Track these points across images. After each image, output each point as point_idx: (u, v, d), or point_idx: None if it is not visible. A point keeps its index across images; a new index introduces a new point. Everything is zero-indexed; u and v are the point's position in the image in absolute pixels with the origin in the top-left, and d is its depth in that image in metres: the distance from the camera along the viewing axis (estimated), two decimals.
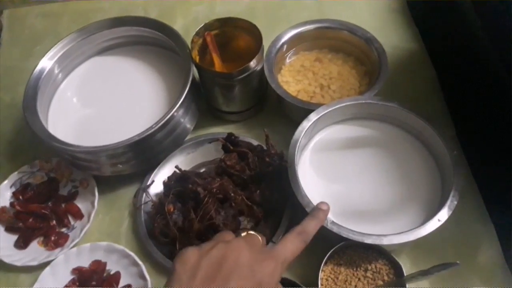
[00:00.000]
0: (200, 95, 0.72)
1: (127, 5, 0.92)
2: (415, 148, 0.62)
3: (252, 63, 0.64)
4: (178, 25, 0.87)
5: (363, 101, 0.62)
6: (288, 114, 0.71)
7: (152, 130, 0.60)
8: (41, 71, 0.69)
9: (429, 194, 0.59)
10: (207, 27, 0.69)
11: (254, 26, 0.67)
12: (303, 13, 0.87)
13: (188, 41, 0.68)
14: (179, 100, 0.63)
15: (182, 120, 0.67)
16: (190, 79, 0.65)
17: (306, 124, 0.61)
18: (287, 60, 0.75)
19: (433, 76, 0.76)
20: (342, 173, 0.61)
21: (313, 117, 0.61)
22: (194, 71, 0.66)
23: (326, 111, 0.62)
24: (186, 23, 0.88)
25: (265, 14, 0.88)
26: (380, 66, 0.67)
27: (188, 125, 0.69)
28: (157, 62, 0.74)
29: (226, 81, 0.66)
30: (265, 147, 0.64)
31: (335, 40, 0.74)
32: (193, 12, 0.89)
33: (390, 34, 0.81)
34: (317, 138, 0.64)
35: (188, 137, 0.70)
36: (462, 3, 0.71)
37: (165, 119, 0.61)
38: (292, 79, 0.72)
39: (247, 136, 0.70)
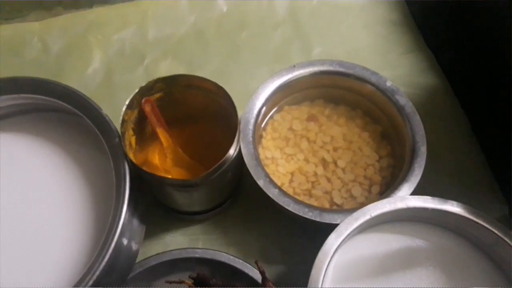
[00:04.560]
0: (144, 190, 0.47)
1: (16, 32, 0.62)
2: (484, 268, 0.42)
3: (228, 155, 0.40)
4: (96, 63, 0.60)
5: (404, 206, 0.41)
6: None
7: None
8: None
9: None
10: (144, 92, 0.43)
11: (220, 88, 0.43)
12: (274, 33, 0.63)
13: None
14: (114, 235, 0.38)
15: (124, 243, 0.42)
16: (127, 193, 0.39)
17: (324, 258, 0.38)
18: (269, 122, 0.51)
19: (466, 126, 0.55)
20: None
21: (333, 242, 0.39)
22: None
23: (353, 227, 0.40)
24: (107, 59, 0.60)
25: (220, 37, 0.62)
26: (412, 138, 0.45)
27: (134, 246, 0.45)
28: (68, 139, 0.47)
29: (187, 188, 0.41)
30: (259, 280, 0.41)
31: (333, 88, 0.51)
32: (116, 41, 0.61)
33: (398, 62, 0.59)
34: (336, 261, 0.42)
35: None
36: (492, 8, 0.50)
37: (88, 284, 0.36)
38: (279, 153, 0.49)
39: (222, 248, 0.47)
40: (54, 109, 0.48)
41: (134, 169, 0.41)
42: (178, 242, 0.48)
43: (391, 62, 0.59)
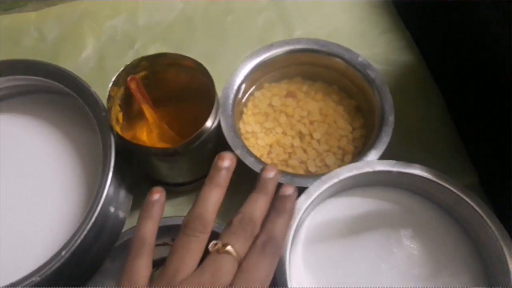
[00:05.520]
0: (132, 163, 0.50)
1: (14, 21, 0.65)
2: (448, 227, 0.45)
3: (206, 127, 0.43)
4: (89, 49, 0.63)
5: (370, 170, 0.43)
6: None
7: (61, 258, 0.39)
8: None
9: None
10: (129, 70, 0.47)
11: (199, 65, 0.46)
12: (258, 17, 0.66)
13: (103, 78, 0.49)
14: (98, 205, 0.41)
15: (111, 211, 0.46)
16: (113, 162, 0.43)
17: (295, 217, 0.41)
18: (249, 99, 0.54)
19: (440, 100, 0.58)
20: (352, 275, 0.43)
21: (302, 203, 0.42)
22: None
23: (322, 190, 0.43)
24: (100, 45, 0.64)
25: (207, 22, 0.65)
26: (381, 108, 0.48)
27: (121, 215, 0.48)
28: (60, 119, 0.51)
29: (169, 157, 0.44)
30: None
31: (310, 65, 0.54)
32: (108, 28, 0.65)
33: (376, 41, 0.62)
34: (308, 223, 0.45)
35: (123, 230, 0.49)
36: None
37: (76, 242, 0.39)
38: (259, 127, 0.52)
39: None
40: (47, 91, 0.51)
41: (120, 140, 0.44)
42: (164, 212, 0.51)
43: (369, 42, 0.61)
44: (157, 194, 0.36)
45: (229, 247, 0.32)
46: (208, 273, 0.31)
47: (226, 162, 0.36)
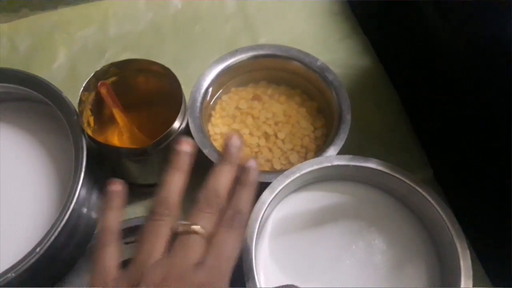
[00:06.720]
0: (104, 165, 0.52)
1: None
2: (403, 217, 0.48)
3: (173, 128, 0.46)
4: (61, 59, 0.65)
5: (329, 164, 0.46)
6: None
7: (35, 254, 0.40)
8: None
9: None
10: (99, 76, 0.49)
11: (167, 69, 0.48)
12: (225, 26, 0.69)
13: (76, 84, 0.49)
14: (70, 205, 0.43)
15: (84, 211, 0.47)
16: (85, 163, 0.45)
17: (259, 211, 0.44)
18: (217, 102, 0.57)
19: (396, 100, 0.61)
20: (316, 264, 0.46)
21: (267, 197, 0.45)
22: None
23: (285, 184, 0.45)
24: (72, 55, 0.65)
25: (176, 31, 0.68)
26: (339, 108, 0.51)
27: (94, 215, 0.50)
28: (33, 124, 0.52)
29: (139, 157, 0.47)
30: None
31: (274, 70, 0.57)
32: (79, 38, 0.67)
33: (337, 47, 0.66)
34: (274, 216, 0.48)
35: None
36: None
37: (50, 239, 0.41)
38: (227, 129, 0.55)
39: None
40: (19, 98, 0.53)
41: (91, 143, 0.46)
42: (137, 212, 0.53)
43: (330, 48, 0.65)
44: (115, 185, 0.37)
45: (196, 227, 0.33)
46: (178, 254, 0.33)
47: (185, 146, 0.37)
